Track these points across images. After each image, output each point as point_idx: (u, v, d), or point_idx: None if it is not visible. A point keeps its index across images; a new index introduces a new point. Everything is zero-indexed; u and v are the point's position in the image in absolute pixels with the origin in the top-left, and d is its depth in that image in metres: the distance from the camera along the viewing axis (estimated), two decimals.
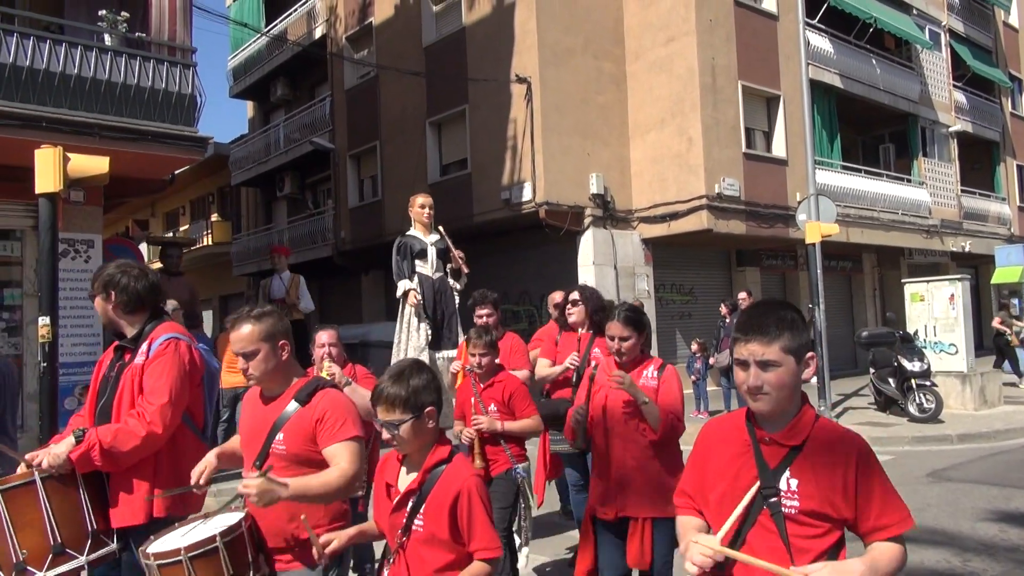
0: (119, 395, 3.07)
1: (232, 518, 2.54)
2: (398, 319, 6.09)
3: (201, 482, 2.71)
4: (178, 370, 3.05)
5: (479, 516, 2.27)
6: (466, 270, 6.16)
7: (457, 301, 6.27)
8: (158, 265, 12.18)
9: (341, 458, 2.55)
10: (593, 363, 3.88)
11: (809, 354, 1.94)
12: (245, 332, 2.65)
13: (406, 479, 2.39)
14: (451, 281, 6.25)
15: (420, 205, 6.24)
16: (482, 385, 4.16)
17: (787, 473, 1.88)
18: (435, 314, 6.10)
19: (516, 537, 4.23)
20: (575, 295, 5.10)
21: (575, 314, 5.03)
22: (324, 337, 4.47)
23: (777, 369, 1.88)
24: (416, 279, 6.10)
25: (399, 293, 6.01)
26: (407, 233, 6.28)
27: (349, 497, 2.68)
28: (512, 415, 4.11)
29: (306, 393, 2.67)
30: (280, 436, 2.63)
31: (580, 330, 5.06)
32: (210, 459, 2.81)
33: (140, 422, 2.94)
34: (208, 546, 2.37)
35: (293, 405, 2.65)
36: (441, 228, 6.15)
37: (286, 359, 2.73)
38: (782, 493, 1.88)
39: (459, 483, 2.28)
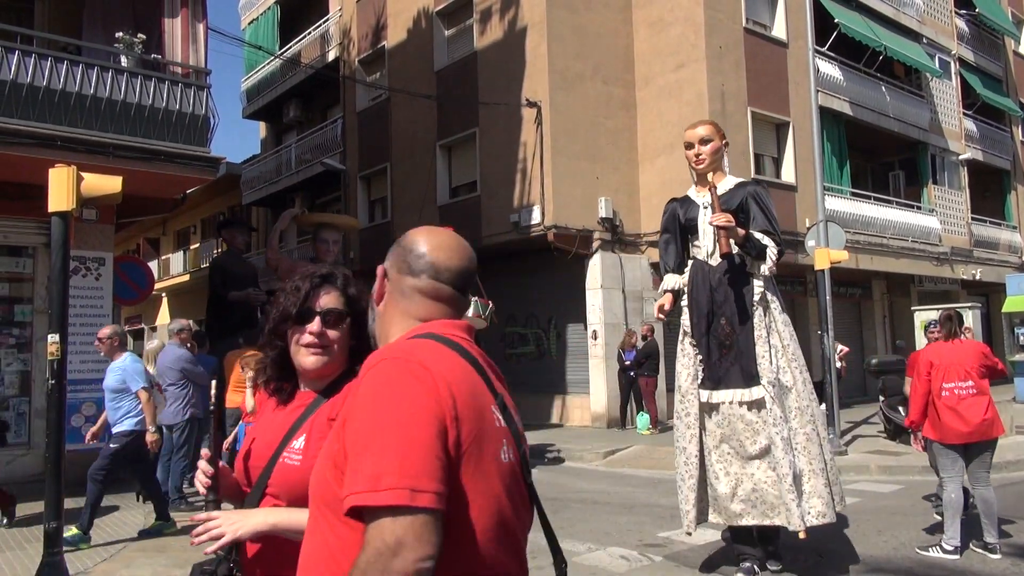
0: None
1: None
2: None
3: None
4: None
5: None
6: (774, 253, 3.74)
7: (756, 305, 3.82)
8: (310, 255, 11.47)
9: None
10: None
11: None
12: None
13: None
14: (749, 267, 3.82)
15: (700, 139, 3.92)
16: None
17: None
18: (709, 331, 3.89)
19: None
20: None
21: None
22: None
23: None
24: (689, 270, 3.99)
25: (661, 291, 4.05)
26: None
27: None
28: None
29: None
30: None
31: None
32: None
33: None
34: None
35: None
36: (713, 181, 3.82)
37: None
38: None
39: None
